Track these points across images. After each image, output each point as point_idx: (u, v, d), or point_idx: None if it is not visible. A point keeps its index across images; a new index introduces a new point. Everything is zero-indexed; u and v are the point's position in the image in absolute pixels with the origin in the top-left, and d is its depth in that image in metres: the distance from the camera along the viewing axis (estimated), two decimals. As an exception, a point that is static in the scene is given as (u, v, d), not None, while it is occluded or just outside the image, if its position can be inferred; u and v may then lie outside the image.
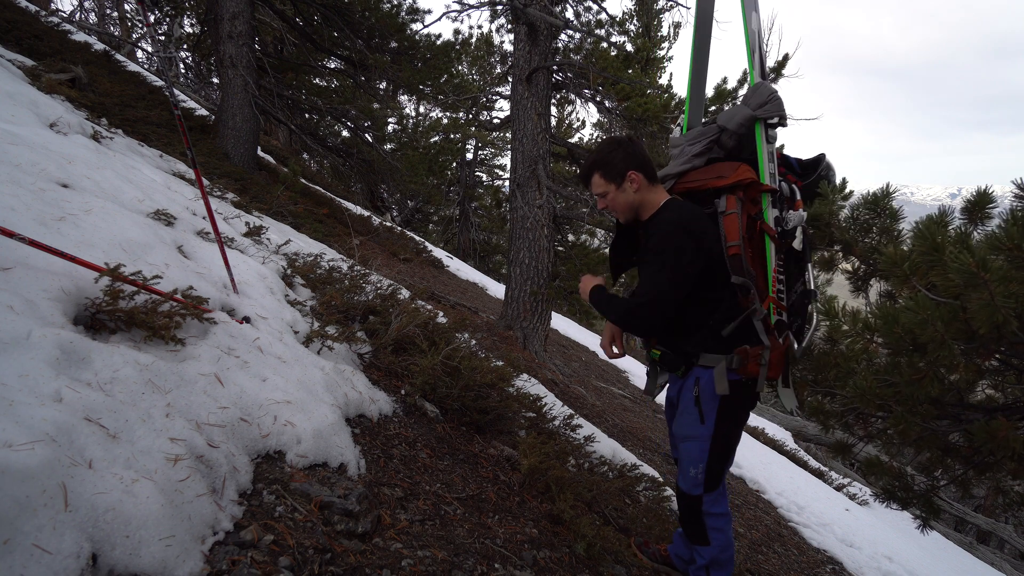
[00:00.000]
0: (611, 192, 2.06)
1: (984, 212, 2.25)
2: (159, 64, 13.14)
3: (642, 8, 10.55)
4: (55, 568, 1.01)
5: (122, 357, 1.55)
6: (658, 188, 2.11)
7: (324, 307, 2.98)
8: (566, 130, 18.01)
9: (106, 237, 2.14)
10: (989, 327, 1.66)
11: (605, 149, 2.09)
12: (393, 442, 2.23)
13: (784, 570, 3.51)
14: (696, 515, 2.14)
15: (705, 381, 2.04)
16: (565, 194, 6.42)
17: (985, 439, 1.88)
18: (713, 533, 2.14)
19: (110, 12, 15.26)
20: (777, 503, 5.19)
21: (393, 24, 7.75)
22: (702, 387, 2.04)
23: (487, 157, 21.20)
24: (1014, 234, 1.61)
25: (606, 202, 2.10)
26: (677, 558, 2.45)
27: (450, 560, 1.72)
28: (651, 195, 2.08)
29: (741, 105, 2.13)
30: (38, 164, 2.46)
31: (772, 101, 2.06)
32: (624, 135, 2.20)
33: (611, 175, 2.05)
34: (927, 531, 2.70)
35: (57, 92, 4.41)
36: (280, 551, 1.38)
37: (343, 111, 8.61)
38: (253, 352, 2.03)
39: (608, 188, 2.06)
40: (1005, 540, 9.60)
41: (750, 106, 2.08)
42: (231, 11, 6.60)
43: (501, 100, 11.38)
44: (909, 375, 2.04)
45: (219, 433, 1.60)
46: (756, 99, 2.09)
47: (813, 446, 10.61)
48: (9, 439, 1.09)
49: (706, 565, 2.19)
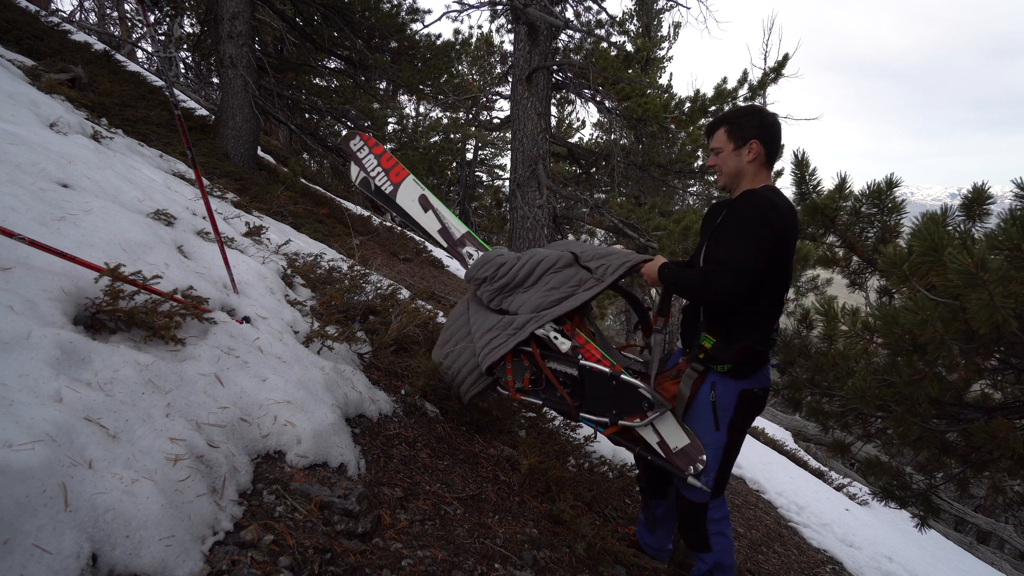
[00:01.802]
0: (727, 152, 2.03)
1: (982, 208, 2.25)
2: (159, 64, 13.14)
3: (642, 8, 10.55)
4: (55, 568, 1.01)
5: (122, 357, 1.55)
6: (767, 172, 2.07)
7: (324, 307, 2.98)
8: (566, 130, 18.01)
9: (106, 237, 2.14)
10: (988, 327, 1.66)
11: (743, 110, 2.08)
12: (393, 442, 2.23)
13: (784, 570, 3.52)
14: (700, 523, 2.11)
15: (722, 388, 2.00)
16: (565, 194, 6.42)
17: (985, 439, 1.89)
18: (715, 538, 2.12)
19: (110, 12, 15.27)
20: (777, 503, 5.19)
21: (393, 24, 7.76)
22: (719, 394, 2.00)
23: (487, 157, 21.21)
24: (1013, 234, 1.62)
25: (717, 160, 2.07)
26: (646, 545, 2.51)
27: (450, 560, 1.73)
28: (759, 174, 2.04)
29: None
30: (38, 164, 2.46)
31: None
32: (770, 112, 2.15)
33: (736, 135, 2.02)
34: (925, 530, 2.71)
35: (57, 92, 4.41)
36: (280, 551, 1.38)
37: (343, 111, 8.61)
38: (253, 352, 2.03)
39: (727, 146, 2.03)
40: (1005, 540, 9.60)
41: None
42: (231, 11, 6.61)
43: (501, 100, 11.38)
44: (908, 375, 2.05)
45: (219, 433, 1.60)
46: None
47: (813, 446, 10.61)
48: (9, 439, 1.09)
49: (709, 570, 2.17)
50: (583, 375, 2.16)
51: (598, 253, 2.33)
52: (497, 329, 2.27)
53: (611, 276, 2.21)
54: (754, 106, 2.11)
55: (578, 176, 7.47)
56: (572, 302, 2.20)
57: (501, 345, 2.23)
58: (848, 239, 2.85)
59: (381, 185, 2.77)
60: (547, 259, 2.29)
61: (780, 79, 6.03)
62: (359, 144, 2.87)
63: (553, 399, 2.25)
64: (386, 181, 2.78)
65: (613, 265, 2.23)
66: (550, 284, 2.25)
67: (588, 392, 2.16)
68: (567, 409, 2.21)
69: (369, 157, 2.84)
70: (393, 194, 2.75)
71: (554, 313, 2.19)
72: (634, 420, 2.06)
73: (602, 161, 6.76)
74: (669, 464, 2.05)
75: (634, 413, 2.06)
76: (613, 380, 2.10)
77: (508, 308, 2.30)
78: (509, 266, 2.32)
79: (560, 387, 2.20)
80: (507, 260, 2.33)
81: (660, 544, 2.49)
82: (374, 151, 2.85)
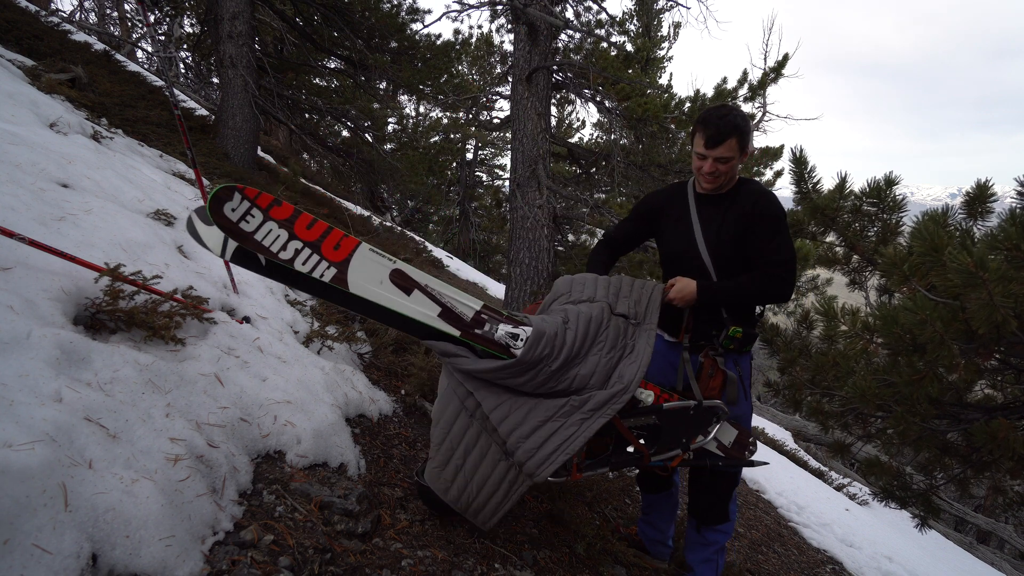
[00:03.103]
0: (735, 160, 2.05)
1: (985, 207, 2.25)
2: (159, 64, 13.14)
3: (642, 8, 10.57)
4: (55, 568, 1.01)
5: (122, 357, 1.55)
6: None
7: (324, 307, 2.98)
8: (566, 130, 18.01)
9: (106, 237, 2.14)
10: (988, 327, 1.66)
11: (744, 118, 2.06)
12: (393, 442, 2.23)
13: (784, 570, 3.51)
14: (731, 492, 2.24)
15: (743, 363, 2.17)
16: (565, 194, 6.42)
17: (985, 439, 1.88)
18: (733, 504, 2.26)
19: (110, 12, 15.26)
20: (777, 503, 5.19)
21: (393, 24, 7.76)
22: (743, 369, 2.16)
23: (487, 157, 21.21)
24: (1012, 234, 1.62)
25: (724, 168, 2.05)
26: (649, 541, 2.53)
27: (450, 560, 1.73)
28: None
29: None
30: (38, 164, 2.46)
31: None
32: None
33: (744, 145, 2.05)
34: (925, 530, 2.71)
35: (57, 92, 4.41)
36: (280, 551, 1.38)
37: (343, 111, 8.61)
38: (253, 352, 2.03)
39: (736, 155, 2.05)
40: (1005, 540, 9.60)
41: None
42: (231, 11, 6.61)
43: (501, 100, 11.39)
44: (908, 375, 2.05)
45: (219, 433, 1.60)
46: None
47: (813, 446, 10.61)
48: (9, 439, 1.09)
49: (722, 546, 2.27)
50: (663, 419, 1.98)
51: (615, 291, 2.06)
52: (560, 418, 1.74)
53: (653, 315, 2.00)
54: (738, 108, 2.11)
55: (578, 176, 7.46)
56: (645, 357, 1.86)
57: (575, 436, 1.71)
58: (848, 238, 2.85)
59: (308, 271, 1.56)
60: (594, 318, 1.89)
61: (780, 79, 6.03)
62: (240, 205, 1.51)
63: (622, 458, 1.99)
64: (317, 262, 1.57)
65: (644, 300, 2.04)
66: (607, 345, 1.86)
67: (664, 433, 2.00)
68: (639, 460, 2.01)
69: (269, 226, 1.53)
70: (340, 281, 1.59)
71: (639, 377, 1.82)
72: (698, 439, 2.05)
73: (602, 161, 6.76)
74: (729, 460, 2.13)
75: (698, 432, 2.05)
76: (691, 411, 2.01)
77: (569, 387, 1.78)
78: (562, 337, 1.79)
79: (636, 441, 1.96)
80: (557, 331, 1.80)
81: (663, 537, 2.53)
82: (274, 213, 1.53)
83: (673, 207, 2.24)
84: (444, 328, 1.71)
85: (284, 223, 1.54)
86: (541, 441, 1.70)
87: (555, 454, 1.68)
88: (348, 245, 1.60)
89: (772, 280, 2.00)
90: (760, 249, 2.03)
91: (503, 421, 1.72)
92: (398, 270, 1.67)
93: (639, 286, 2.10)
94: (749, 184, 2.14)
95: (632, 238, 2.37)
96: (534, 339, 1.72)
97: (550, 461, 1.68)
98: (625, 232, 2.37)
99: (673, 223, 2.22)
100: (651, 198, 2.35)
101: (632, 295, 2.05)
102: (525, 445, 1.70)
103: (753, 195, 2.08)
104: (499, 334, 1.74)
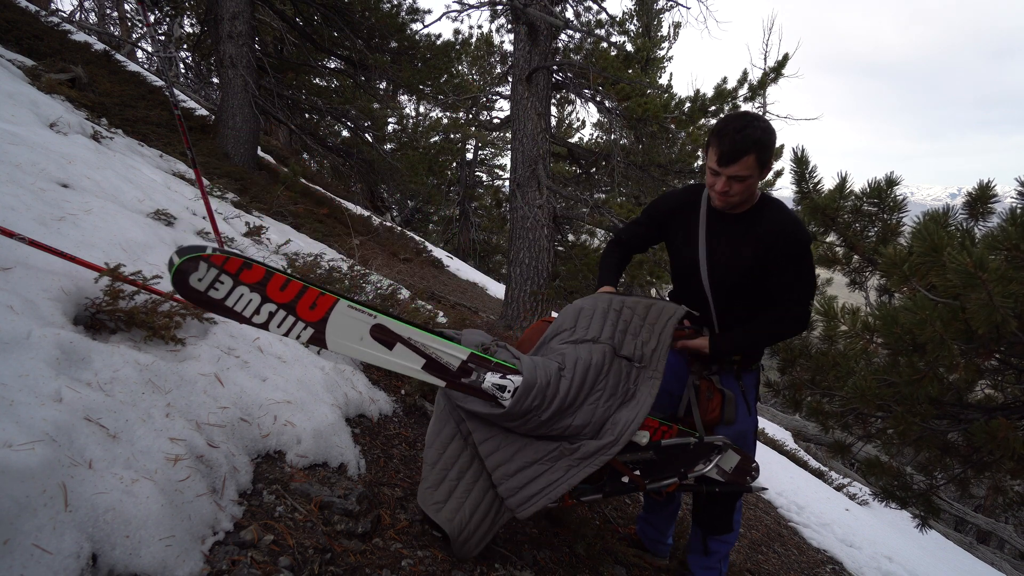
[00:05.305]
0: (753, 177, 1.81)
1: (986, 207, 2.25)
2: (159, 64, 13.14)
3: (642, 8, 10.56)
4: (55, 568, 1.01)
5: (122, 357, 1.55)
6: None
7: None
8: (566, 130, 18.02)
9: (106, 237, 2.14)
10: (988, 327, 1.66)
11: (766, 131, 1.78)
12: (393, 442, 2.23)
13: (784, 570, 3.51)
14: (736, 503, 2.23)
15: (747, 378, 2.11)
16: (565, 194, 6.42)
17: (985, 439, 1.89)
18: (737, 515, 2.26)
19: (110, 12, 15.27)
20: (777, 503, 5.19)
21: (393, 24, 7.76)
22: (746, 383, 2.10)
23: (487, 157, 21.22)
24: (1012, 234, 1.62)
25: (739, 187, 1.82)
26: (649, 540, 2.55)
27: (450, 560, 1.73)
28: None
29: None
30: (38, 164, 2.46)
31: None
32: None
33: (764, 161, 1.80)
34: (926, 530, 2.71)
35: (57, 92, 4.41)
36: (280, 551, 1.38)
37: (343, 111, 8.62)
38: (253, 352, 2.03)
39: (755, 173, 1.81)
40: (1005, 540, 9.60)
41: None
42: (231, 11, 6.61)
43: (501, 100, 11.39)
44: (908, 375, 2.05)
45: (219, 433, 1.60)
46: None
47: (813, 446, 10.61)
48: (9, 439, 1.09)
49: (725, 554, 2.28)
50: (660, 454, 1.94)
51: (623, 329, 1.94)
52: (548, 461, 1.73)
53: (660, 361, 1.88)
54: (765, 120, 1.84)
55: (578, 176, 7.46)
56: (644, 408, 1.80)
57: (559, 481, 1.71)
58: (849, 238, 2.85)
59: (284, 332, 1.53)
60: (594, 365, 1.81)
61: (780, 79, 6.04)
62: (208, 274, 1.42)
63: (617, 487, 1.97)
64: (292, 323, 1.53)
65: (652, 342, 1.91)
66: (606, 394, 1.80)
67: (659, 465, 1.95)
68: (634, 489, 1.98)
69: (240, 291, 1.46)
70: (318, 340, 1.56)
71: (635, 427, 1.77)
72: (697, 468, 2.01)
73: (602, 161, 6.76)
74: (730, 486, 2.11)
75: (697, 463, 2.02)
76: (691, 445, 1.96)
77: (562, 433, 1.76)
78: (555, 387, 1.73)
79: (631, 474, 1.92)
80: (550, 380, 1.73)
81: (662, 536, 2.53)
82: (244, 278, 1.46)
83: (683, 218, 2.05)
84: (429, 380, 1.67)
85: (255, 286, 1.47)
86: (525, 481, 1.70)
87: (537, 496, 1.69)
88: (325, 304, 1.54)
89: (791, 321, 1.91)
90: (781, 283, 1.88)
91: (491, 455, 1.72)
92: (379, 325, 1.60)
93: (652, 320, 1.95)
94: (773, 204, 1.91)
95: (642, 241, 2.24)
96: (523, 391, 1.66)
97: (531, 503, 1.69)
98: (635, 234, 2.23)
99: (680, 237, 2.05)
100: (663, 202, 2.15)
101: (641, 335, 1.92)
102: (508, 483, 1.70)
103: (778, 222, 1.86)
104: (486, 384, 1.69)
